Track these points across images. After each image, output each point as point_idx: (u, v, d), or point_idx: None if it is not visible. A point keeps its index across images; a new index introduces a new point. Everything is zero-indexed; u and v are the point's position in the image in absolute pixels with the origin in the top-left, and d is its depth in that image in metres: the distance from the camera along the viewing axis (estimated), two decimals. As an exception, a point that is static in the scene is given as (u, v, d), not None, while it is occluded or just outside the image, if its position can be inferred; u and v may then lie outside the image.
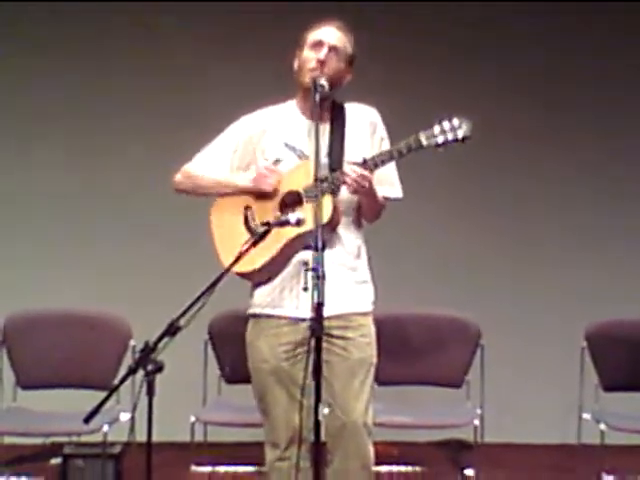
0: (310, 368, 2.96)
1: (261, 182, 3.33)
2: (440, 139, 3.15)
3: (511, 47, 5.76)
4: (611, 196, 5.83)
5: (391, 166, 3.38)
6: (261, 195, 3.34)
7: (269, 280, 3.36)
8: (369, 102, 3.48)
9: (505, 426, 5.44)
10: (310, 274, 2.89)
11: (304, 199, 3.25)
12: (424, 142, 3.15)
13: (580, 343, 4.87)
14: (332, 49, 3.33)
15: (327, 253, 3.04)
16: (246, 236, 3.24)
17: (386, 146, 3.36)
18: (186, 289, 2.98)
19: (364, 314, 3.40)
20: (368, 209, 3.39)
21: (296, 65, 3.39)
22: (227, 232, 3.35)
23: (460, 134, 3.13)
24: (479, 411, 4.69)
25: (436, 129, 3.15)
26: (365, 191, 3.23)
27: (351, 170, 3.19)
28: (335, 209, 3.25)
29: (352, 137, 3.38)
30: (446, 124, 3.15)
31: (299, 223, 3.09)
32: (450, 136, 3.14)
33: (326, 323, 3.04)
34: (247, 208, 3.37)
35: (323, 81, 3.25)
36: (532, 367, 5.62)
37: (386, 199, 3.41)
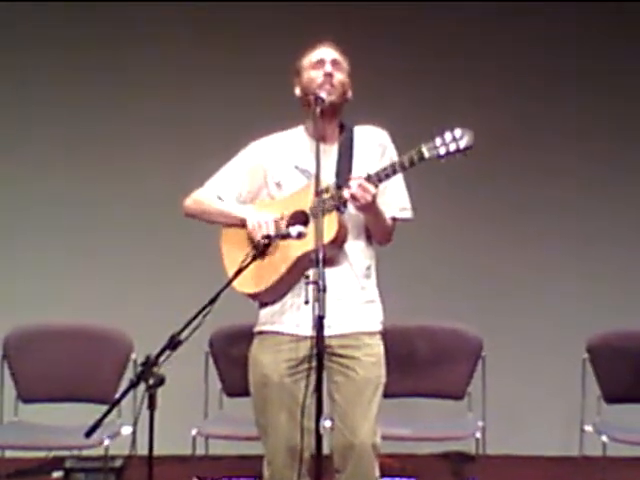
0: (312, 387, 2.95)
1: (254, 235, 3.30)
2: (442, 150, 3.14)
3: (512, 52, 5.78)
4: (614, 206, 5.83)
5: (400, 187, 3.40)
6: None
7: (276, 301, 3.35)
8: (368, 114, 3.49)
9: (507, 438, 5.43)
10: (311, 287, 2.90)
11: (310, 218, 3.24)
12: (426, 154, 3.15)
13: (582, 355, 4.87)
14: (334, 63, 3.36)
15: (335, 272, 3.05)
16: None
17: None
18: (187, 303, 2.98)
19: (371, 334, 3.38)
20: (374, 228, 3.37)
21: (299, 91, 3.40)
22: (235, 252, 3.33)
23: (462, 145, 3.13)
24: (481, 423, 4.69)
25: (438, 141, 3.15)
26: (368, 206, 3.22)
27: (353, 182, 3.19)
28: (341, 226, 3.25)
29: (361, 158, 3.37)
30: (447, 135, 3.14)
31: (300, 236, 3.09)
32: (452, 147, 3.14)
33: (333, 342, 3.06)
34: None
35: (322, 93, 3.26)
36: (534, 379, 5.61)
37: (395, 220, 3.41)
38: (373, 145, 3.42)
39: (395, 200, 3.39)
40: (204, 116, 5.61)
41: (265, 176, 3.44)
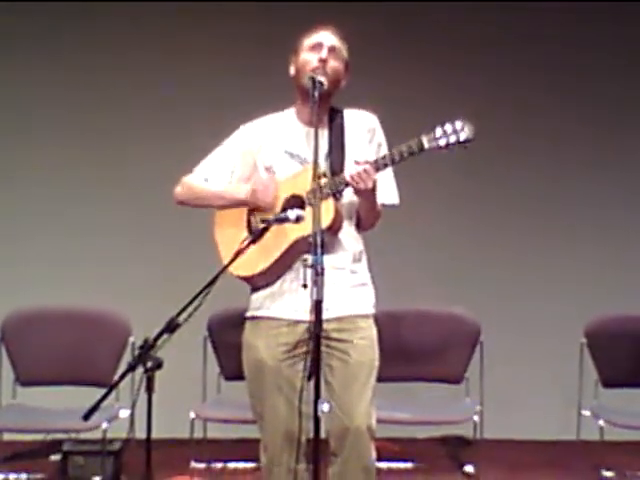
0: (308, 369, 2.95)
1: (258, 196, 3.32)
2: (442, 142, 3.14)
3: (511, 45, 5.77)
4: (611, 191, 5.84)
5: (388, 172, 3.37)
6: (261, 206, 3.34)
7: (268, 285, 3.35)
8: (367, 107, 3.47)
9: (504, 422, 5.43)
10: (309, 271, 2.90)
11: (306, 203, 3.24)
12: (426, 145, 3.14)
13: (579, 339, 4.88)
14: (331, 50, 3.33)
15: (328, 257, 3.02)
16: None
17: (384, 152, 3.34)
18: (185, 286, 2.98)
19: (364, 316, 3.38)
20: (366, 214, 3.37)
21: (293, 70, 3.38)
22: (230, 235, 3.33)
23: (462, 137, 3.13)
24: (478, 407, 4.69)
25: (438, 132, 3.14)
26: (368, 191, 3.22)
27: (354, 167, 3.19)
28: (337, 213, 3.24)
29: (351, 143, 3.36)
30: (448, 127, 3.14)
31: (299, 220, 3.07)
32: (452, 139, 3.13)
33: (326, 326, 3.04)
34: (250, 212, 3.37)
35: (321, 77, 3.25)
36: (531, 363, 5.62)
37: (382, 206, 3.40)
38: (363, 129, 3.41)
39: (383, 186, 3.36)
40: (197, 100, 5.62)
41: (255, 160, 3.42)
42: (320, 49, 3.32)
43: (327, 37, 3.36)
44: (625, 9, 5.71)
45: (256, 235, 3.07)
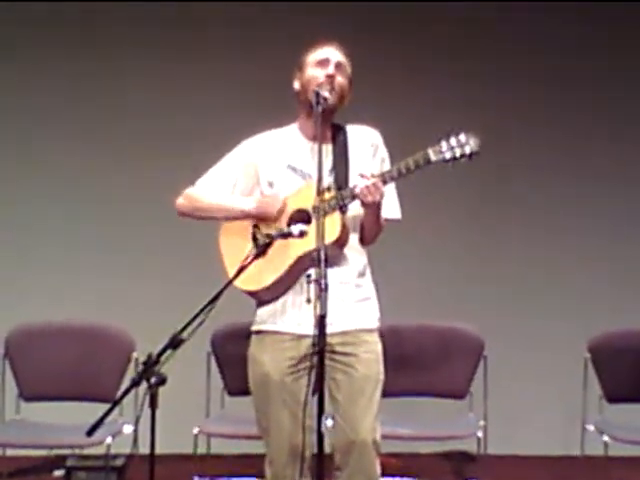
0: (312, 384, 2.96)
1: (263, 209, 3.34)
2: (448, 155, 3.14)
3: (511, 52, 5.78)
4: (615, 205, 5.83)
5: (390, 187, 3.37)
6: (268, 217, 3.35)
7: (274, 300, 3.35)
8: (368, 121, 3.49)
9: (508, 438, 5.43)
10: (313, 286, 2.90)
11: (312, 217, 3.24)
12: (433, 158, 3.15)
13: (583, 354, 4.87)
14: (338, 66, 3.35)
15: (332, 271, 3.02)
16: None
17: (387, 167, 3.35)
18: (189, 301, 2.98)
19: (369, 331, 3.38)
20: (370, 228, 3.37)
21: (298, 86, 3.39)
22: (235, 249, 3.34)
23: (468, 150, 3.13)
24: (482, 422, 4.69)
25: (444, 145, 3.14)
26: (375, 205, 3.22)
27: (362, 181, 3.19)
28: (344, 227, 3.25)
29: (354, 158, 3.37)
30: (453, 140, 3.14)
31: (302, 234, 3.08)
32: (458, 152, 3.14)
33: (331, 340, 3.05)
34: (255, 226, 3.38)
35: (325, 93, 3.25)
36: (535, 378, 5.61)
37: (385, 220, 3.41)
38: (366, 145, 3.43)
39: (385, 201, 3.36)
40: (202, 112, 5.63)
41: (257, 174, 3.43)
42: (327, 65, 3.34)
43: (333, 53, 3.38)
44: (629, 17, 5.73)
45: (260, 250, 3.08)
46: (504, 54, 5.76)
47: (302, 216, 3.26)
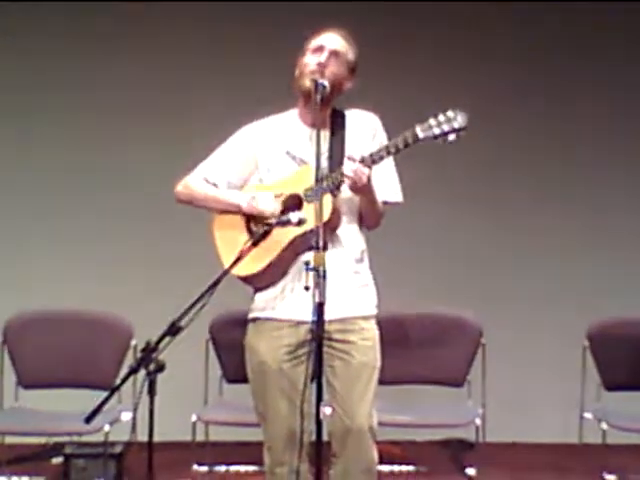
0: (310, 370, 2.96)
1: (256, 208, 3.33)
2: (436, 131, 3.14)
3: (512, 44, 5.78)
4: (614, 194, 5.83)
5: (391, 170, 3.39)
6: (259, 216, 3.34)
7: (271, 285, 3.35)
8: (366, 105, 3.47)
9: (507, 425, 5.43)
10: (312, 273, 2.90)
11: (304, 201, 3.25)
12: (420, 135, 3.15)
13: (582, 342, 4.87)
14: (333, 53, 3.33)
15: (329, 256, 3.01)
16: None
17: None
18: (188, 288, 2.97)
19: (366, 318, 3.39)
20: (368, 212, 3.37)
21: (297, 72, 3.38)
22: (230, 237, 3.34)
23: (456, 125, 3.13)
24: (480, 410, 4.69)
25: (432, 121, 3.15)
26: (363, 188, 3.22)
27: (347, 166, 3.19)
28: (334, 209, 3.24)
29: (353, 142, 3.37)
30: (441, 116, 3.15)
31: (300, 222, 3.09)
32: (446, 127, 3.14)
33: (328, 327, 3.05)
34: (248, 219, 3.38)
35: (324, 81, 3.25)
36: (534, 366, 5.62)
37: (385, 203, 3.41)
38: (364, 129, 3.42)
39: (386, 184, 3.38)
40: (201, 100, 5.62)
41: (256, 161, 3.43)
42: (321, 53, 3.33)
43: (330, 40, 3.35)
44: (629, 17, 5.72)
45: (258, 238, 3.08)
46: (506, 44, 5.77)
47: (294, 201, 3.27)
